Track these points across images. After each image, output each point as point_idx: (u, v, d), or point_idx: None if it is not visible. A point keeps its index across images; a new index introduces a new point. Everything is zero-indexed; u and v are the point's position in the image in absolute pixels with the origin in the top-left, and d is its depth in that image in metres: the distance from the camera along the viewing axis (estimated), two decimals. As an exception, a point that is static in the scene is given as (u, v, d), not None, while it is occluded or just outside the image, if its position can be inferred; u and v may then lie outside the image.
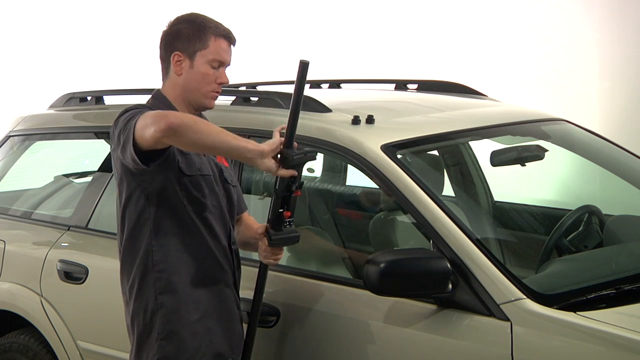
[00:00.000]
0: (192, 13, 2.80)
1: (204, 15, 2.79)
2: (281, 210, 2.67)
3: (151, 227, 2.69)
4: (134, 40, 7.13)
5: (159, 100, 2.78)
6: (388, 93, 4.06)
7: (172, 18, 2.80)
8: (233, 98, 3.52)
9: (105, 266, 3.52)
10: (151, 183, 2.67)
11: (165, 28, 2.79)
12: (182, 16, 2.80)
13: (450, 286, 2.64)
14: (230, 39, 2.77)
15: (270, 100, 3.39)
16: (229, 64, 2.79)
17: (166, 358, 2.69)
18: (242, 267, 2.89)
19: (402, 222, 3.43)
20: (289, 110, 2.64)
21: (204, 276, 2.73)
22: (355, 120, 3.11)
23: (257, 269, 2.84)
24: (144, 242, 2.71)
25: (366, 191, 4.12)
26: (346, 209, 4.19)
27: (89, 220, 3.70)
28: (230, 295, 2.80)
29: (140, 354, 2.75)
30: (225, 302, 2.78)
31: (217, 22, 2.78)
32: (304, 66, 2.60)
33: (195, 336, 2.71)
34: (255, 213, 3.44)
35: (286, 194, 2.65)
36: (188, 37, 2.72)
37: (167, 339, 2.69)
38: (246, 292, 2.89)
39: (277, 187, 2.64)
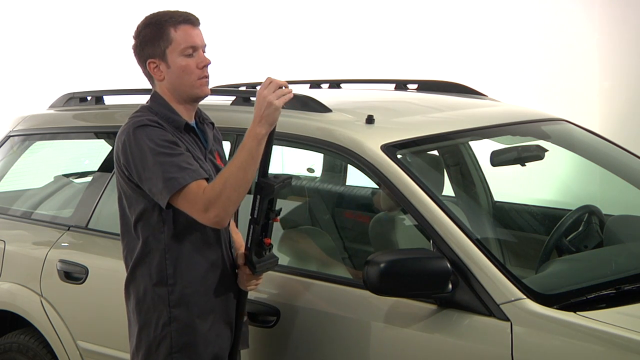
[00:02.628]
0: (149, 15, 2.76)
1: (160, 12, 2.75)
2: (261, 237, 2.68)
3: (165, 242, 2.69)
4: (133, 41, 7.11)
5: (158, 102, 2.75)
6: (388, 93, 4.06)
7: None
8: (233, 98, 3.52)
9: (105, 266, 3.52)
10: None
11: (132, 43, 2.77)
12: (141, 23, 2.76)
13: (450, 286, 2.64)
14: (190, 21, 2.72)
15: (270, 100, 3.38)
16: (203, 46, 2.73)
17: None
18: None
19: (402, 222, 3.42)
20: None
21: (213, 285, 2.74)
22: (370, 120, 3.11)
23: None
24: (157, 256, 2.70)
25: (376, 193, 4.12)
26: (346, 209, 4.19)
27: (89, 220, 3.70)
28: (236, 295, 2.81)
29: None
30: (233, 305, 2.80)
31: (173, 12, 2.73)
32: None
33: (208, 345, 2.72)
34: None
35: (265, 221, 2.67)
36: (152, 41, 2.69)
37: (182, 351, 2.70)
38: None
39: (256, 216, 2.65)
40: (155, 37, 2.69)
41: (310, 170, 4.25)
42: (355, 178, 4.13)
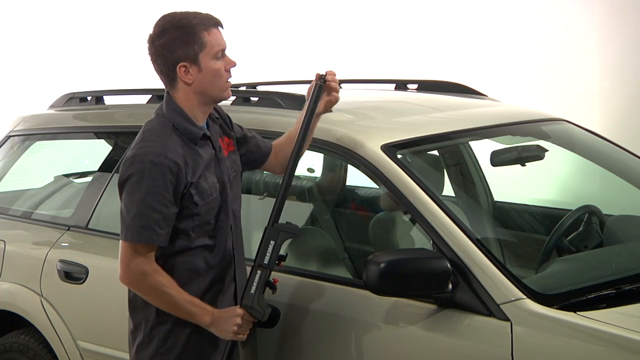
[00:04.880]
0: (173, 17, 2.67)
1: (180, 14, 2.67)
2: (268, 280, 2.68)
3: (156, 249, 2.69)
4: (133, 40, 7.13)
5: (175, 110, 2.69)
6: (388, 93, 4.06)
7: (151, 31, 2.68)
8: (233, 98, 3.52)
9: (105, 266, 3.51)
10: None
11: (151, 42, 2.67)
12: (162, 25, 2.67)
13: (450, 286, 2.64)
14: (218, 24, 2.69)
15: (270, 100, 3.39)
16: (226, 47, 2.71)
17: None
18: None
19: (402, 222, 3.42)
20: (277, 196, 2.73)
21: (204, 291, 2.73)
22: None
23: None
24: None
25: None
26: (346, 209, 4.19)
27: (89, 220, 3.70)
28: (230, 304, 2.79)
29: None
30: (221, 303, 2.78)
31: (196, 13, 2.68)
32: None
33: (195, 349, 2.73)
34: (255, 213, 3.44)
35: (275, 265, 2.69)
36: (184, 44, 2.62)
37: (167, 353, 2.72)
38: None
39: (267, 262, 2.65)
40: (188, 41, 2.62)
41: (310, 170, 4.24)
42: (355, 178, 4.13)
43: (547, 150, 3.56)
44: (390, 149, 2.97)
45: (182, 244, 2.69)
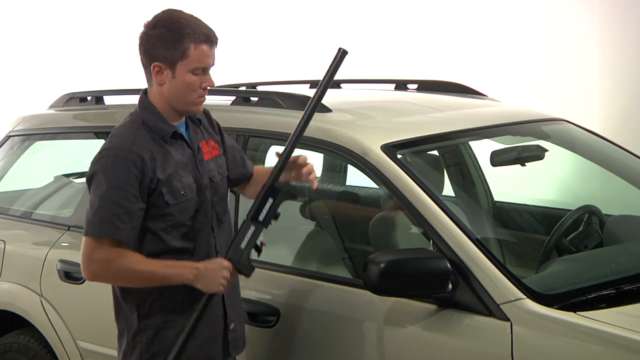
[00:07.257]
0: (168, 13, 2.62)
1: (179, 16, 2.61)
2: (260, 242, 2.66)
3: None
4: (133, 40, 7.11)
5: (148, 109, 2.67)
6: (388, 93, 4.06)
7: (149, 18, 2.63)
8: (233, 98, 3.52)
9: (105, 266, 3.51)
10: None
11: (142, 30, 2.62)
12: (159, 18, 2.62)
13: (450, 286, 2.64)
14: (210, 41, 2.60)
15: (270, 100, 3.39)
16: (212, 66, 2.64)
17: None
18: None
19: (402, 222, 3.42)
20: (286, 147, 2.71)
21: (185, 296, 2.67)
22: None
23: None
24: None
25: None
26: (346, 208, 4.19)
27: (89, 220, 3.69)
28: (213, 307, 2.71)
29: None
30: (208, 315, 2.69)
31: (195, 22, 2.60)
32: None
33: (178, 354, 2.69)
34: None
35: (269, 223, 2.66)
36: (166, 46, 2.56)
37: (151, 359, 2.70)
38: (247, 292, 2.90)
39: (262, 220, 2.62)
40: (171, 45, 2.56)
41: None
42: (355, 178, 4.13)
43: (547, 150, 3.57)
44: (390, 149, 2.97)
45: (158, 247, 2.64)
